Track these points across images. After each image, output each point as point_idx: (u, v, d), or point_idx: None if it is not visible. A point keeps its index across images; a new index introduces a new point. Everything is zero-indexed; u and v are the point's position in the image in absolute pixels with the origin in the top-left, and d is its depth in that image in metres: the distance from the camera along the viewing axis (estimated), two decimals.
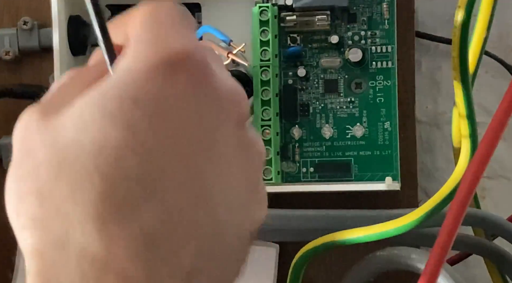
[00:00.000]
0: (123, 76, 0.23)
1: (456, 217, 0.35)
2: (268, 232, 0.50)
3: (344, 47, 0.50)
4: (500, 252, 0.48)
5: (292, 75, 0.50)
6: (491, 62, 0.54)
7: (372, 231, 0.45)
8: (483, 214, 0.47)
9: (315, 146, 0.50)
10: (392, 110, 0.49)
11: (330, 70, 0.50)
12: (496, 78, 0.55)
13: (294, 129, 0.50)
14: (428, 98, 0.55)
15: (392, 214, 0.46)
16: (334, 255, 0.52)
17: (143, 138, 0.23)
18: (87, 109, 0.23)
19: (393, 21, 0.49)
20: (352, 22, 0.50)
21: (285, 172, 0.50)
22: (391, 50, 0.49)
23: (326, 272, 0.52)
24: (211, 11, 0.50)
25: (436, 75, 0.56)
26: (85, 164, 0.23)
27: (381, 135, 0.49)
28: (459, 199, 0.35)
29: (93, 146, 0.23)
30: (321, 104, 0.50)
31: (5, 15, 0.52)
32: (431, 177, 0.56)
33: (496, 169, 0.55)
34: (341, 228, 0.46)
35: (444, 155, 0.55)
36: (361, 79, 0.50)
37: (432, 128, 0.55)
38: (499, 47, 0.54)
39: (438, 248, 0.35)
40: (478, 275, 0.55)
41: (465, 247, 0.49)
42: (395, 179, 0.49)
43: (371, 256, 0.47)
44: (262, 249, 0.50)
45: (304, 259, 0.47)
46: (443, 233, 0.35)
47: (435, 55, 0.55)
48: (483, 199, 0.55)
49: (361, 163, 0.50)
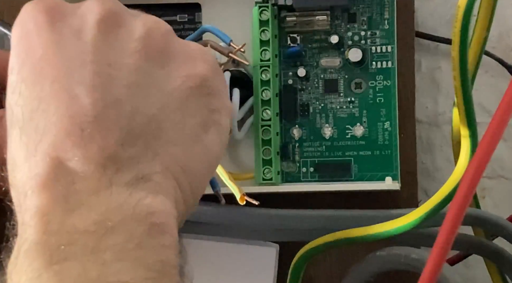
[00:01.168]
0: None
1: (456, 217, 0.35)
2: (268, 232, 0.50)
3: (344, 47, 0.50)
4: (500, 252, 0.48)
5: (292, 75, 0.50)
6: (491, 62, 0.54)
7: (372, 231, 0.45)
8: (483, 214, 0.47)
9: (315, 146, 0.50)
10: (392, 110, 0.49)
11: (330, 70, 0.50)
12: (496, 78, 0.55)
13: (294, 129, 0.50)
14: (428, 98, 0.55)
15: (392, 214, 0.46)
16: (334, 255, 0.52)
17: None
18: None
19: (393, 21, 0.49)
20: (352, 22, 0.50)
21: (285, 172, 0.50)
22: (391, 50, 0.49)
23: (326, 272, 0.52)
24: (211, 11, 0.50)
25: (436, 75, 0.56)
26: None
27: (381, 135, 0.49)
28: (459, 199, 0.35)
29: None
30: (321, 104, 0.50)
31: (5, 15, 0.52)
32: (431, 177, 0.56)
33: (496, 169, 0.55)
34: (341, 228, 0.46)
35: (444, 155, 0.55)
36: (361, 79, 0.50)
37: (432, 128, 0.55)
38: (499, 47, 0.54)
39: (438, 248, 0.35)
40: (478, 275, 0.55)
41: (465, 247, 0.49)
42: (395, 179, 0.49)
43: (371, 256, 0.47)
44: (262, 249, 0.50)
45: (304, 259, 0.47)
46: (443, 233, 0.35)
47: (435, 55, 0.55)
48: (483, 199, 0.55)
49: (361, 163, 0.50)
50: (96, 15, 0.31)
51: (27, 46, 0.31)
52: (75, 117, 0.29)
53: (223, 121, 0.33)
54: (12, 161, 0.30)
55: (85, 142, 0.28)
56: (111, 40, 0.31)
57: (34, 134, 0.29)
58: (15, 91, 0.30)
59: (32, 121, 0.29)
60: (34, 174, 0.28)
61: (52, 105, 0.29)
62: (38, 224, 0.27)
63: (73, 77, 0.29)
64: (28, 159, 0.29)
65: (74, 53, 0.30)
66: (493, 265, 0.50)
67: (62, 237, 0.27)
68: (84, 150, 0.28)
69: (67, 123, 0.28)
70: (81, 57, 0.30)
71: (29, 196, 0.28)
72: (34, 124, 0.29)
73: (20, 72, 0.30)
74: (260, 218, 0.49)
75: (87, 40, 0.30)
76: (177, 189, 0.30)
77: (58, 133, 0.28)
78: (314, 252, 0.47)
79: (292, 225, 0.49)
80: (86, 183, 0.28)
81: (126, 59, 0.30)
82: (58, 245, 0.27)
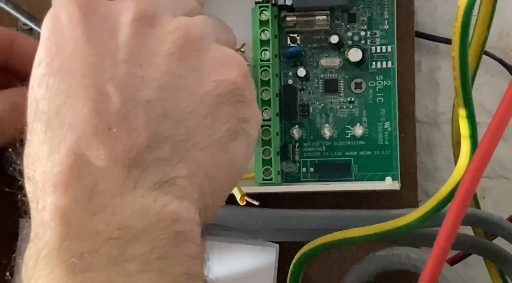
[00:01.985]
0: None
1: (456, 217, 0.35)
2: (268, 232, 0.50)
3: (344, 47, 0.50)
4: (500, 252, 0.48)
5: (292, 75, 0.50)
6: (491, 62, 0.54)
7: (372, 231, 0.45)
8: (483, 214, 0.47)
9: (315, 146, 0.50)
10: (392, 110, 0.49)
11: (330, 70, 0.50)
12: (496, 78, 0.55)
13: (294, 129, 0.50)
14: (428, 98, 0.55)
15: (392, 214, 0.46)
16: (334, 255, 0.52)
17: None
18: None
19: (393, 21, 0.49)
20: (352, 22, 0.50)
21: (285, 172, 0.50)
22: (391, 50, 0.49)
23: (326, 272, 0.52)
24: (211, 11, 0.50)
25: (436, 75, 0.56)
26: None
27: (381, 135, 0.49)
28: (459, 199, 0.35)
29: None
30: (321, 104, 0.50)
31: (5, 15, 0.52)
32: (431, 177, 0.56)
33: (496, 169, 0.55)
34: (341, 228, 0.46)
35: (444, 155, 0.55)
36: (361, 79, 0.50)
37: (432, 128, 0.55)
38: (498, 47, 0.54)
39: (438, 248, 0.35)
40: (478, 275, 0.55)
41: (465, 247, 0.49)
42: (395, 179, 0.49)
43: (371, 256, 0.47)
44: (262, 249, 0.50)
45: (304, 259, 0.47)
46: (443, 233, 0.35)
47: (435, 55, 0.55)
48: (483, 199, 0.55)
49: (361, 163, 0.49)
50: (130, 14, 0.31)
51: (58, 40, 0.30)
52: (103, 115, 0.28)
53: (252, 131, 0.33)
54: (33, 155, 0.29)
55: (112, 141, 0.28)
56: (144, 40, 0.30)
57: (59, 129, 0.28)
58: (42, 84, 0.29)
59: (58, 116, 0.29)
60: (57, 171, 0.28)
61: (80, 101, 0.28)
62: (59, 227, 0.27)
63: (104, 75, 0.29)
64: (51, 154, 0.28)
65: (106, 50, 0.30)
66: (493, 265, 0.50)
67: (85, 244, 0.26)
68: (109, 149, 0.28)
69: (95, 120, 0.28)
70: (112, 56, 0.29)
71: (49, 193, 0.27)
72: (60, 119, 0.28)
73: (49, 65, 0.30)
74: (260, 218, 0.49)
75: (119, 39, 0.30)
76: (201, 196, 0.30)
77: (85, 129, 0.28)
78: (314, 252, 0.47)
79: (292, 225, 0.49)
80: (110, 184, 0.27)
81: (158, 61, 0.30)
82: (81, 252, 0.26)
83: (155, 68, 0.30)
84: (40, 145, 0.29)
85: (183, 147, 0.29)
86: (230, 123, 0.31)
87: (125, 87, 0.29)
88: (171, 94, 0.30)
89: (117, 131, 0.28)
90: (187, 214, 0.28)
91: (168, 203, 0.28)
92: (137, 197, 0.27)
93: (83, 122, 0.28)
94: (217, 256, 0.50)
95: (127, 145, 0.28)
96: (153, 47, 0.30)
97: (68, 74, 0.29)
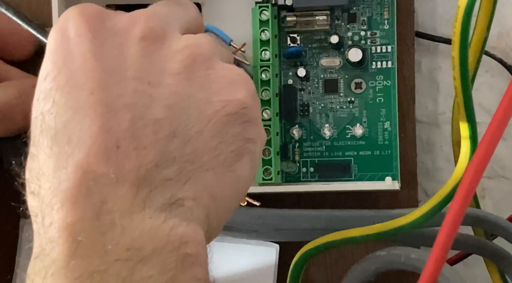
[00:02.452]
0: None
1: (456, 217, 0.35)
2: (268, 232, 0.50)
3: (344, 47, 0.50)
4: (500, 252, 0.48)
5: (292, 75, 0.50)
6: (491, 62, 0.54)
7: (372, 231, 0.45)
8: (483, 214, 0.47)
9: (315, 146, 0.50)
10: (392, 110, 0.49)
11: (330, 70, 0.50)
12: (496, 77, 0.55)
13: (294, 129, 0.50)
14: (428, 98, 0.55)
15: (392, 214, 0.46)
16: (334, 255, 0.52)
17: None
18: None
19: (393, 21, 0.49)
20: (352, 22, 0.50)
21: (285, 172, 0.50)
22: (391, 50, 0.49)
23: (326, 272, 0.52)
24: (212, 10, 0.50)
25: (436, 75, 0.56)
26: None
27: (381, 135, 0.49)
28: (459, 199, 0.35)
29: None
30: (321, 104, 0.50)
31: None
32: (431, 177, 0.56)
33: (496, 169, 0.55)
34: (341, 228, 0.46)
35: (444, 155, 0.55)
36: (361, 79, 0.50)
37: (432, 128, 0.55)
38: (498, 47, 0.54)
39: (438, 248, 0.35)
40: (478, 275, 0.55)
41: (465, 247, 0.49)
42: (395, 179, 0.49)
43: (371, 256, 0.47)
44: (262, 249, 0.50)
45: (304, 259, 0.47)
46: (443, 233, 0.35)
47: (435, 55, 0.55)
48: (483, 199, 0.55)
49: (361, 163, 0.50)
50: (139, 31, 0.30)
51: (65, 54, 0.30)
52: (112, 133, 0.28)
53: (257, 150, 0.33)
54: (38, 170, 0.29)
55: (121, 159, 0.27)
56: (152, 58, 0.30)
57: (67, 145, 0.28)
58: (48, 98, 0.29)
59: (65, 131, 0.28)
60: (64, 187, 0.27)
61: (88, 117, 0.28)
62: (67, 244, 0.26)
63: (112, 92, 0.28)
64: (58, 169, 0.28)
65: (114, 67, 0.29)
66: (493, 265, 0.50)
67: (93, 263, 0.26)
68: (118, 167, 0.27)
69: (103, 137, 0.28)
70: (121, 72, 0.29)
71: (56, 210, 0.27)
72: (68, 135, 0.28)
73: (55, 79, 0.29)
74: (260, 218, 0.49)
75: (128, 55, 0.30)
76: (206, 216, 0.29)
77: (93, 146, 0.27)
78: (314, 252, 0.47)
79: (292, 225, 0.49)
80: (119, 202, 0.27)
81: (167, 80, 0.30)
82: (90, 272, 0.26)
83: (163, 87, 0.29)
84: (46, 160, 0.28)
85: (190, 168, 0.29)
86: (236, 144, 0.31)
87: (134, 105, 0.28)
88: (179, 113, 0.29)
89: (126, 149, 0.28)
90: (195, 236, 0.28)
91: (176, 225, 0.28)
92: (146, 217, 0.27)
93: (91, 138, 0.28)
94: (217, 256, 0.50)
95: (136, 163, 0.27)
96: (162, 65, 0.30)
97: (76, 89, 0.29)
